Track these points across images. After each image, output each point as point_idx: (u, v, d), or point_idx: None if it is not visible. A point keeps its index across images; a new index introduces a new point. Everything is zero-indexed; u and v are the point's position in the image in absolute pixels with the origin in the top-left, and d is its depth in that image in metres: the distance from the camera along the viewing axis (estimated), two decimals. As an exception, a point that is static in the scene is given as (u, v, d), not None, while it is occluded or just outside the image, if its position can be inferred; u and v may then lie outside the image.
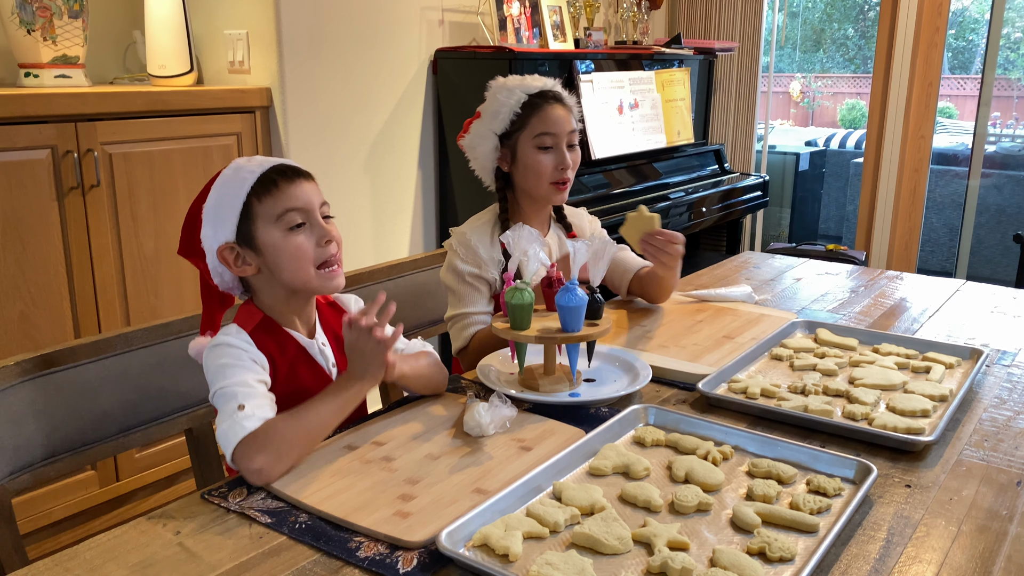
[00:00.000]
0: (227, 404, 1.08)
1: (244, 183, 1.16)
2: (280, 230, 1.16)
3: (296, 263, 1.17)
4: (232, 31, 2.57)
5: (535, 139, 1.60)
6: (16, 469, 1.15)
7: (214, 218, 1.17)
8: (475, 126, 1.66)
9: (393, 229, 2.96)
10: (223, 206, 1.16)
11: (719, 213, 3.63)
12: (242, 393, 1.09)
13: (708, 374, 1.34)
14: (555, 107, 1.62)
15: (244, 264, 1.18)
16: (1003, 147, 5.32)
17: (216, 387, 1.11)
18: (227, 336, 1.16)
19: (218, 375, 1.12)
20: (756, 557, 0.88)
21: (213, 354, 1.14)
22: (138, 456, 2.30)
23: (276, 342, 1.20)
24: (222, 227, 1.17)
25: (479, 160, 1.68)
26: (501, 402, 1.19)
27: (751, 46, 4.08)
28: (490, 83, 1.66)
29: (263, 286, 1.21)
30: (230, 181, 1.17)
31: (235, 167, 1.19)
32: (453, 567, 0.88)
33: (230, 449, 1.05)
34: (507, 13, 3.01)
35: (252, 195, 1.16)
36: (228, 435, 1.05)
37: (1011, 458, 1.13)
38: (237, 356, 1.13)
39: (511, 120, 1.61)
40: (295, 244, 1.16)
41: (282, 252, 1.16)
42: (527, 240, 1.29)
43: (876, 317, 1.77)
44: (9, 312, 2.02)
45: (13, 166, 1.98)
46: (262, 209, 1.16)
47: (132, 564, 0.87)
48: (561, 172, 1.62)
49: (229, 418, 1.07)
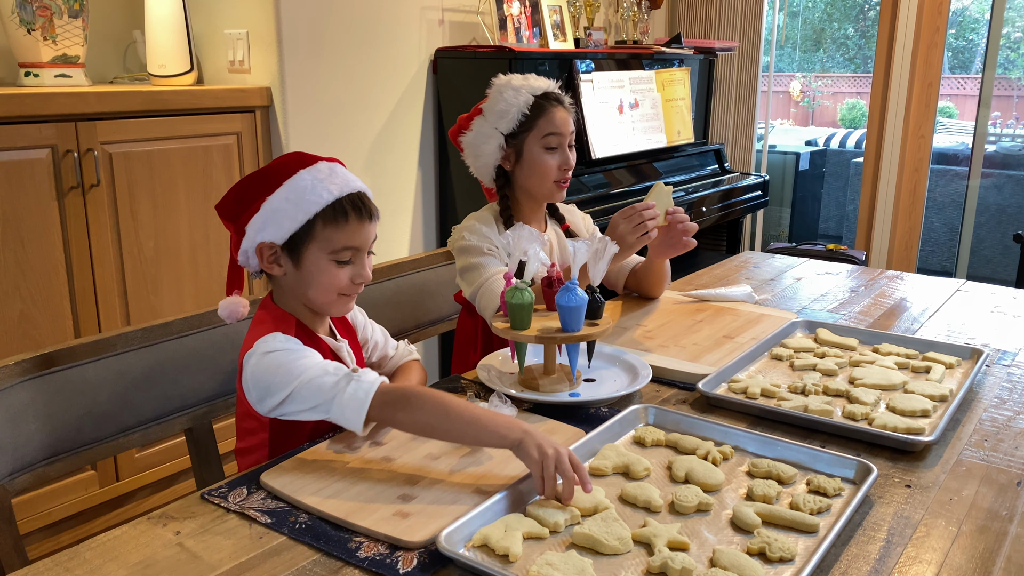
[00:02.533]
0: (325, 381, 1.06)
1: (318, 200, 1.14)
2: (329, 260, 1.16)
3: (325, 290, 1.18)
4: (232, 31, 2.57)
5: (543, 140, 1.63)
6: (16, 469, 1.15)
7: (271, 216, 1.15)
8: (479, 124, 1.66)
9: (393, 229, 2.96)
10: (286, 211, 1.14)
11: (719, 213, 3.63)
12: (334, 368, 1.08)
13: (708, 374, 1.35)
14: (559, 109, 1.66)
15: (275, 264, 1.18)
16: (1003, 147, 5.32)
17: (293, 384, 1.08)
18: (278, 342, 1.13)
19: (288, 373, 1.09)
20: (756, 557, 0.88)
21: (270, 361, 1.11)
22: (138, 456, 2.30)
23: (314, 346, 1.19)
24: (275, 228, 1.15)
25: (481, 158, 1.68)
26: (501, 402, 1.19)
27: (751, 46, 4.08)
28: (493, 81, 1.67)
29: (287, 288, 1.21)
30: (305, 190, 1.14)
31: (315, 176, 1.15)
32: (453, 567, 0.88)
33: (364, 411, 1.04)
34: (507, 13, 3.01)
35: (320, 216, 1.14)
36: (355, 400, 1.04)
37: (1011, 458, 1.13)
38: (299, 352, 1.12)
39: (519, 120, 1.63)
40: (335, 275, 1.17)
41: (320, 277, 1.17)
42: (527, 240, 1.29)
43: (876, 317, 1.77)
44: (9, 312, 2.02)
45: (13, 166, 1.98)
46: (323, 235, 1.15)
47: (132, 564, 0.87)
48: (564, 172, 1.66)
49: (346, 385, 1.05)
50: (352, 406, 1.05)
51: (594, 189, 3.10)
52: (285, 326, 1.17)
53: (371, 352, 1.39)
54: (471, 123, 1.68)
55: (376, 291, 1.70)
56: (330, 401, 1.06)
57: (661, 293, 1.84)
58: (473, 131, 1.67)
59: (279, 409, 1.10)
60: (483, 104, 1.68)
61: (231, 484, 1.04)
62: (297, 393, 1.08)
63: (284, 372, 1.09)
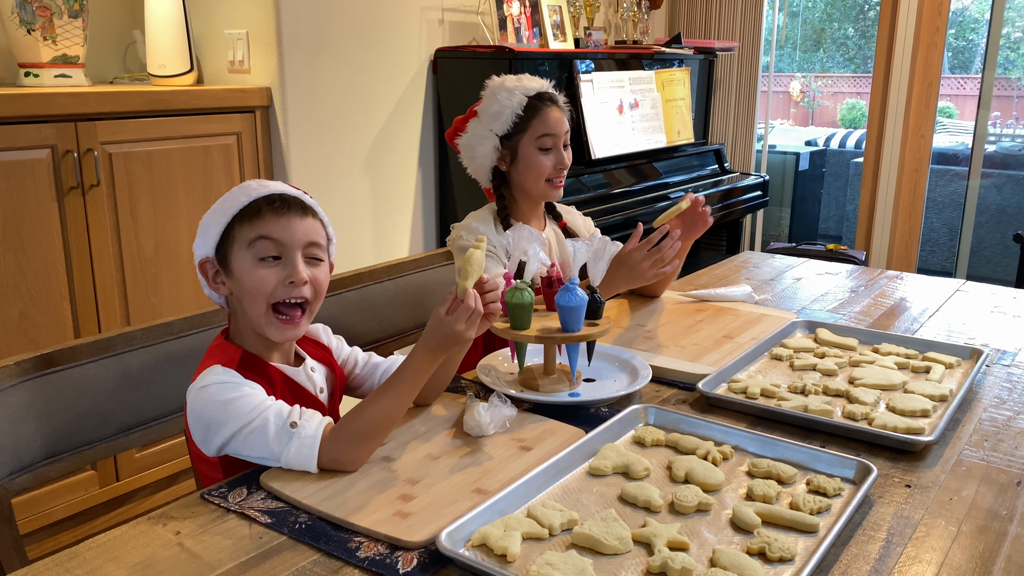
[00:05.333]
0: (265, 436, 1.05)
1: (236, 203, 1.14)
2: (251, 258, 1.12)
3: (252, 296, 1.12)
4: (232, 31, 2.57)
5: (537, 140, 1.65)
6: (16, 469, 1.15)
7: (203, 231, 1.16)
8: (474, 126, 1.68)
9: (393, 229, 2.96)
10: (212, 221, 1.16)
11: (719, 213, 3.63)
12: (275, 415, 1.05)
13: (708, 374, 1.34)
14: (553, 109, 1.67)
15: (219, 283, 1.16)
16: (1003, 147, 5.32)
17: (232, 427, 1.05)
18: (215, 375, 1.10)
19: (226, 414, 1.06)
20: (756, 557, 0.88)
21: (206, 395, 1.08)
22: (138, 456, 2.30)
23: (262, 376, 1.14)
24: (205, 241, 1.16)
25: (477, 160, 1.70)
26: (501, 402, 1.19)
27: (751, 46, 4.08)
28: (487, 82, 1.69)
29: (238, 312, 1.17)
30: (228, 198, 1.16)
31: (243, 186, 1.17)
32: (453, 567, 0.88)
33: (313, 466, 1.03)
34: (507, 13, 3.01)
35: (236, 217, 1.14)
36: (301, 456, 1.03)
37: (1011, 458, 1.13)
38: (236, 388, 1.08)
39: (513, 122, 1.64)
40: (258, 276, 1.11)
41: (245, 281, 1.12)
42: (527, 240, 1.29)
43: (876, 317, 1.77)
44: (9, 312, 2.02)
45: (13, 166, 1.98)
46: (240, 233, 1.13)
47: (132, 564, 0.87)
48: (559, 171, 1.68)
49: (288, 442, 1.04)
50: (302, 458, 1.04)
51: (594, 189, 3.10)
52: (227, 359, 1.13)
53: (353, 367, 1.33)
54: (466, 125, 1.70)
55: (376, 291, 1.70)
56: (277, 457, 1.05)
57: (663, 292, 1.83)
58: (469, 133, 1.69)
59: (226, 449, 1.08)
60: (478, 106, 1.69)
61: (231, 484, 1.04)
62: (241, 439, 1.06)
63: (221, 410, 1.06)
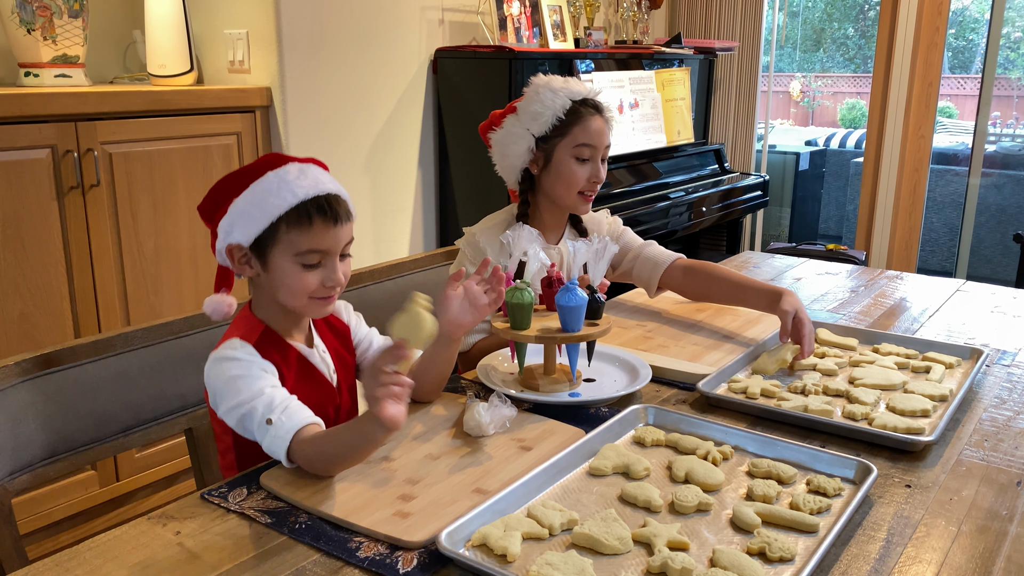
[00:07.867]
0: (252, 421, 1.07)
1: (282, 203, 1.11)
2: (294, 263, 1.13)
3: (294, 293, 1.14)
4: (232, 31, 2.57)
5: (574, 149, 1.57)
6: (16, 469, 1.15)
7: (238, 217, 1.13)
8: (510, 123, 1.60)
9: (393, 229, 2.96)
10: (251, 214, 1.12)
11: (719, 213, 3.63)
12: (263, 406, 1.07)
13: (708, 374, 1.34)
14: (596, 118, 1.59)
15: (245, 266, 1.16)
16: (1003, 147, 5.32)
17: (232, 403, 1.08)
18: (231, 350, 1.12)
19: (230, 390, 1.09)
20: (756, 557, 0.88)
21: (219, 368, 1.11)
22: (138, 456, 2.30)
23: (280, 353, 1.17)
24: (241, 230, 1.13)
25: (508, 159, 1.62)
26: (501, 402, 1.19)
27: (751, 46, 4.08)
28: (532, 79, 1.61)
29: (260, 290, 1.19)
30: (270, 192, 1.11)
31: (282, 177, 1.12)
32: (453, 567, 0.88)
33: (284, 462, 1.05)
34: (507, 13, 3.01)
35: (283, 220, 1.11)
36: (273, 449, 1.06)
37: (1011, 458, 1.13)
38: (246, 367, 1.11)
39: (553, 125, 1.56)
40: (302, 279, 1.13)
41: (287, 280, 1.14)
42: (527, 240, 1.29)
43: (876, 317, 1.77)
44: (9, 312, 2.02)
45: (13, 166, 1.98)
46: (287, 238, 1.12)
47: (132, 564, 0.87)
48: (593, 184, 1.60)
49: (265, 435, 1.06)
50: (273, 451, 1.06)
51: (594, 189, 3.10)
52: (248, 333, 1.15)
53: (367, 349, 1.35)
54: (503, 120, 1.61)
55: (376, 291, 1.70)
56: (258, 438, 1.07)
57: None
58: (504, 129, 1.60)
59: (226, 420, 1.11)
60: (518, 102, 1.61)
61: (231, 484, 1.04)
62: (236, 418, 1.09)
63: (225, 386, 1.10)
